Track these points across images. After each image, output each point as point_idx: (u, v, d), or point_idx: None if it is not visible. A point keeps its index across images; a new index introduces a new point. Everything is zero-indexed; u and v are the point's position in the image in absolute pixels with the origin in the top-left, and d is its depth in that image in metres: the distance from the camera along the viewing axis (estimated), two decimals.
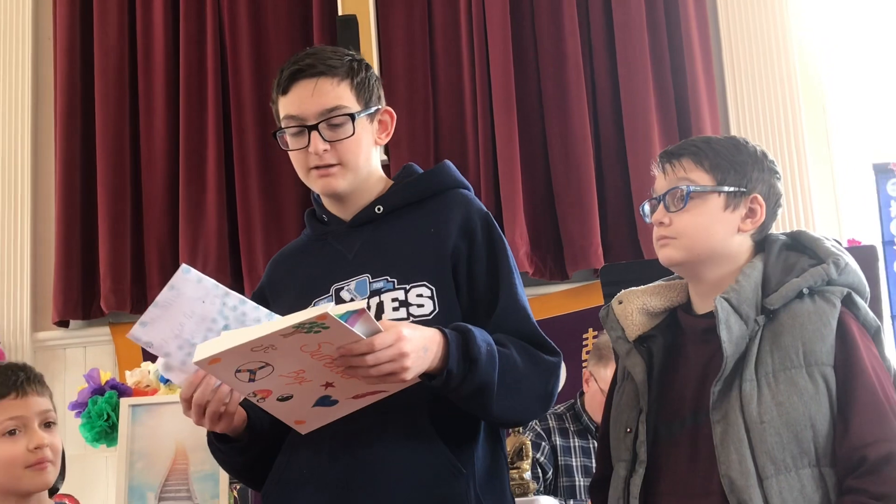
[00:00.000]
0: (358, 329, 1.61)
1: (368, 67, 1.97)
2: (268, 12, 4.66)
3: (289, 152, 1.95)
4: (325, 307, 1.55)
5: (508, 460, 2.52)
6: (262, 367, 1.63)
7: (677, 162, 1.85)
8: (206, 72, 4.61)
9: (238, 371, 1.64)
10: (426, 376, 1.72)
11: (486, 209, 1.98)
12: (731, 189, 1.82)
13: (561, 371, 1.91)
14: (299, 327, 1.56)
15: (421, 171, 2.04)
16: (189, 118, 4.59)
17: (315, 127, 1.88)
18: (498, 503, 1.87)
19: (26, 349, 4.56)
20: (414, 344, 1.66)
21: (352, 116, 1.89)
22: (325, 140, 1.88)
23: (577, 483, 3.34)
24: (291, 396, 1.71)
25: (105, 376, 2.91)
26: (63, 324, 4.61)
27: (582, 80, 4.38)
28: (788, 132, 4.32)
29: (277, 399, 1.71)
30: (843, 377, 1.69)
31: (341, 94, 1.90)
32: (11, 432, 1.93)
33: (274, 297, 2.01)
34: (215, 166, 4.54)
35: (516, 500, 2.22)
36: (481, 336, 1.77)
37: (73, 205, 4.63)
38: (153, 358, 3.01)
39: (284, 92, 1.92)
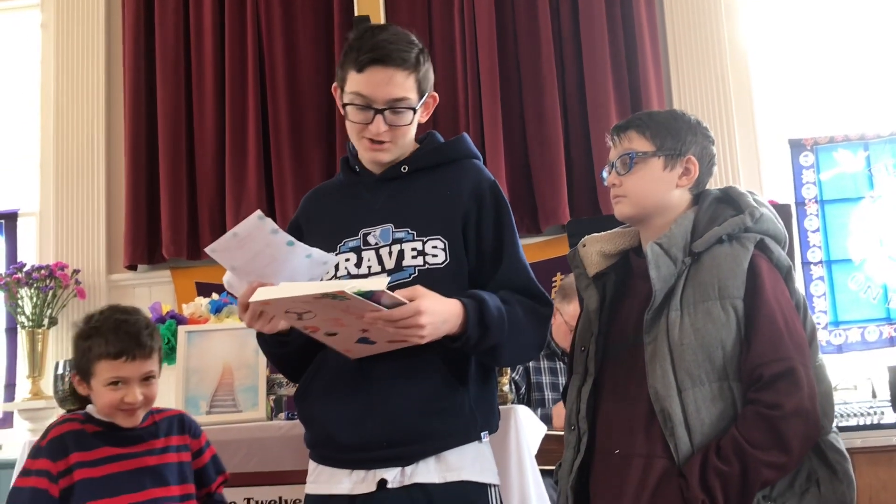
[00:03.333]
0: (383, 302, 1.56)
1: (428, 58, 1.84)
2: (297, 14, 4.61)
3: (347, 120, 1.83)
4: (343, 284, 1.51)
5: None
6: (307, 312, 1.59)
7: (624, 134, 1.83)
8: (246, 63, 4.58)
9: (287, 311, 1.61)
10: (448, 339, 1.68)
11: (493, 178, 1.88)
12: (668, 152, 1.79)
13: (552, 317, 1.87)
14: (324, 296, 1.52)
15: (442, 139, 1.94)
16: (233, 101, 4.56)
17: (381, 111, 1.78)
18: (488, 413, 1.82)
19: (102, 288, 4.58)
20: (433, 318, 1.61)
21: (413, 109, 1.80)
22: (386, 124, 1.78)
23: (545, 396, 3.32)
24: (337, 333, 1.66)
25: (166, 308, 2.94)
26: (132, 268, 4.61)
27: (553, 72, 4.35)
28: (720, 113, 4.31)
29: (325, 334, 1.67)
30: (749, 308, 1.67)
31: (409, 87, 1.78)
32: (115, 383, 1.97)
33: (308, 229, 1.91)
34: (255, 142, 4.51)
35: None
36: (493, 303, 1.71)
37: (140, 173, 4.61)
38: (206, 295, 3.05)
39: (360, 70, 1.76)
